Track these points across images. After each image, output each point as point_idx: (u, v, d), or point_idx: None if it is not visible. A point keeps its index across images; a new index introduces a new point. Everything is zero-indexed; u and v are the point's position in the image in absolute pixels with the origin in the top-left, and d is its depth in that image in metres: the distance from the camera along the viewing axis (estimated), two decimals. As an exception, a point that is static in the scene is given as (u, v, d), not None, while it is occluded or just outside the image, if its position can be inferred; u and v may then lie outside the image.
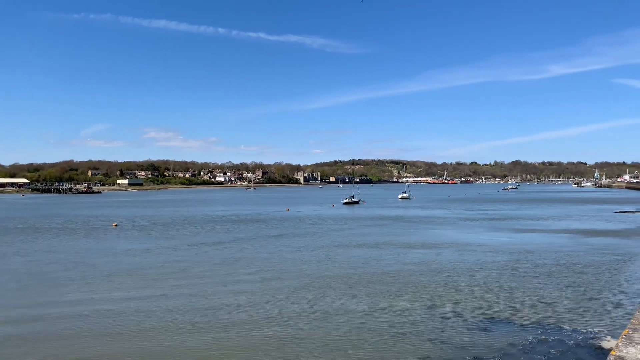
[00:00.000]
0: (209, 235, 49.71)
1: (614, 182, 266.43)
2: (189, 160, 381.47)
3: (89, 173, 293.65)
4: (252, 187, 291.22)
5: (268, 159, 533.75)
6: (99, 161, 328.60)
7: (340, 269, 30.25)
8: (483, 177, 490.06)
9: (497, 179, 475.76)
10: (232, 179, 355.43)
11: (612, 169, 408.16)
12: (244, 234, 50.60)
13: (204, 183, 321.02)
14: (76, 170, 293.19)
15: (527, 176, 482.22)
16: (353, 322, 19.41)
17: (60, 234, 51.09)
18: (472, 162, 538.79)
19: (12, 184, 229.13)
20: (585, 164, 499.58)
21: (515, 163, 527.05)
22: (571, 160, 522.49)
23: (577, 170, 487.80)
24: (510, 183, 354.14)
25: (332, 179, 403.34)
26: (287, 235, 49.34)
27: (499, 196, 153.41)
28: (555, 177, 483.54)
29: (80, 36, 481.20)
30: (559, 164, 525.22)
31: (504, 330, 18.15)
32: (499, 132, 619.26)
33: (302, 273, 29.17)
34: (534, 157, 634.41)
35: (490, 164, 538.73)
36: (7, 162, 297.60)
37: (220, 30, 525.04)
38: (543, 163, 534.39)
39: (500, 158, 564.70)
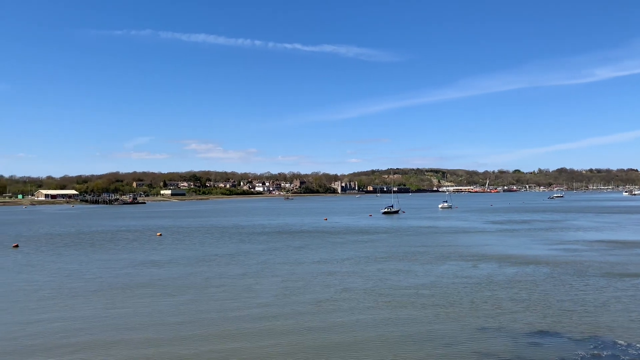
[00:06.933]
0: (249, 243, 50.35)
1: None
2: (229, 170, 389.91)
3: (134, 184, 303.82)
4: (290, 197, 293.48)
5: (305, 169, 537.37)
6: (143, 172, 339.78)
7: (378, 281, 29.95)
8: (527, 186, 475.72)
9: (541, 187, 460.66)
10: (271, 188, 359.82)
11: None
12: (283, 243, 50.96)
13: (244, 193, 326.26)
14: (121, 181, 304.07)
15: (574, 184, 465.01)
16: (392, 334, 19.13)
17: (107, 244, 52.99)
18: (515, 170, 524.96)
19: (63, 195, 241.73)
20: (636, 170, 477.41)
21: (561, 171, 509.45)
22: (621, 167, 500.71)
23: (627, 178, 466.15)
24: (556, 191, 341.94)
25: (370, 188, 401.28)
26: (324, 245, 49.37)
27: (544, 205, 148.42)
28: (604, 185, 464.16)
29: (123, 52, 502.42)
30: (608, 171, 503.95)
31: (553, 344, 17.47)
32: (543, 139, 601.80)
33: (340, 284, 29.08)
34: (580, 165, 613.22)
35: (534, 171, 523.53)
36: (58, 174, 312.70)
37: (257, 42, 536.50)
38: (590, 170, 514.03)
39: (545, 165, 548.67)
